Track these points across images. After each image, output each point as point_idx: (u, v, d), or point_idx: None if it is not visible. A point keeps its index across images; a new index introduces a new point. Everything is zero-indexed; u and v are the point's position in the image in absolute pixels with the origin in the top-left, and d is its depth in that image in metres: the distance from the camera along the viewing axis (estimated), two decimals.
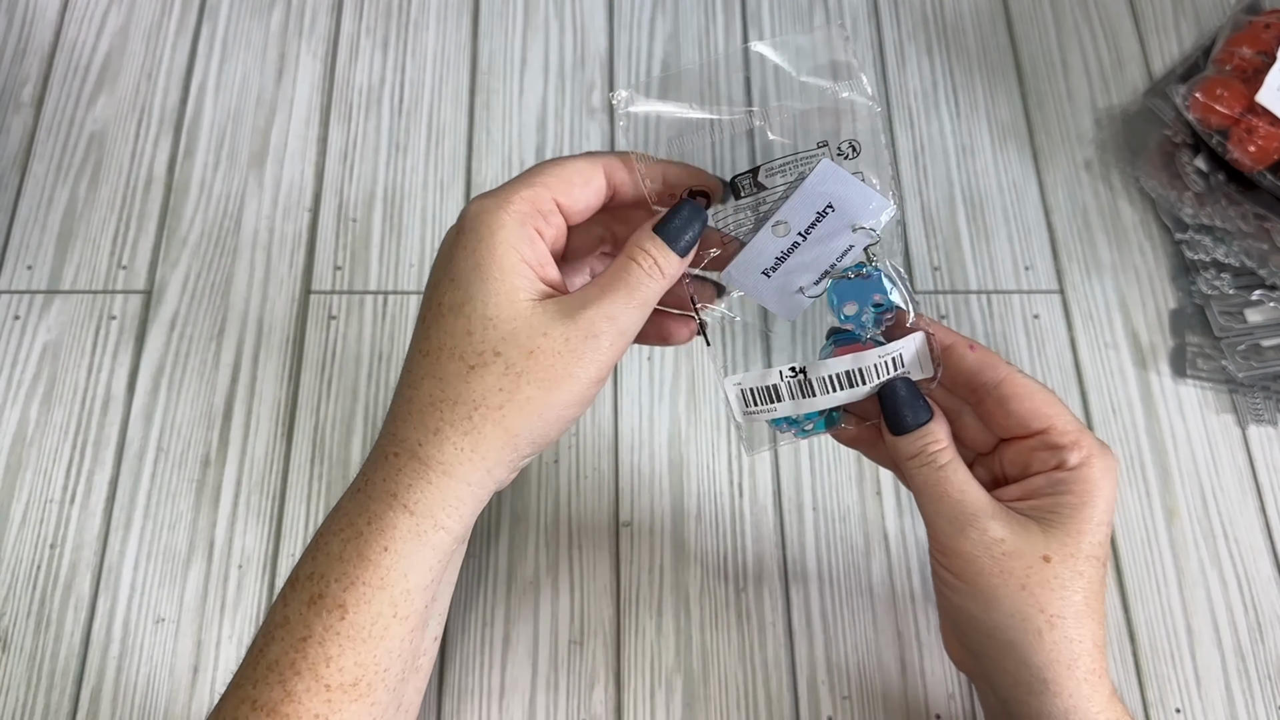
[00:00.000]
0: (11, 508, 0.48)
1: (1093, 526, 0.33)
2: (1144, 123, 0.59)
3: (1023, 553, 0.33)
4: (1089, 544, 0.33)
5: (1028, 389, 0.34)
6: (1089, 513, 0.33)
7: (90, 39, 0.60)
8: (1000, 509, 0.34)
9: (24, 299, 0.53)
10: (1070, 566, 0.33)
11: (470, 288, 0.31)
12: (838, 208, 0.36)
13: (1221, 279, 0.54)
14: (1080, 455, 0.34)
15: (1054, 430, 0.34)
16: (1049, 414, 0.34)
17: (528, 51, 0.61)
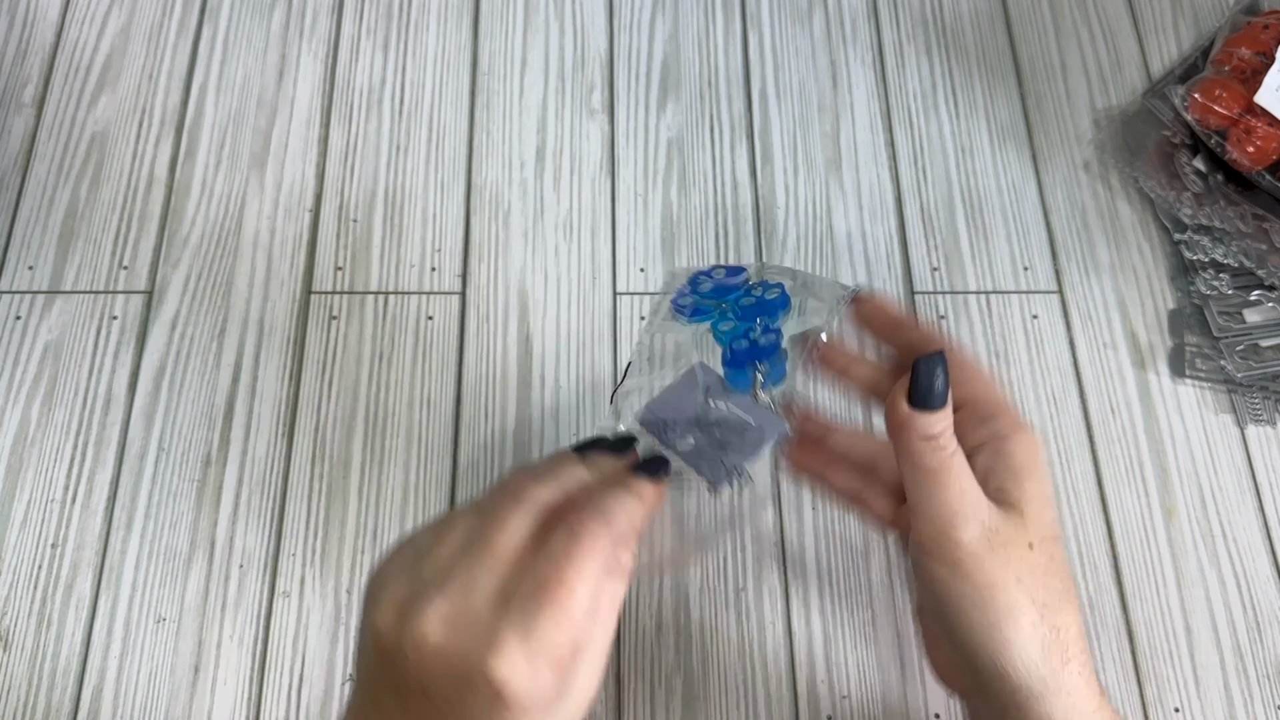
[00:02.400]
0: (13, 508, 0.48)
1: (1046, 500, 0.32)
2: (1143, 123, 0.59)
3: (1015, 541, 0.32)
4: (1050, 522, 0.32)
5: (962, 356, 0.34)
6: (1037, 487, 0.32)
7: (91, 40, 0.60)
8: (987, 502, 0.33)
9: (25, 299, 0.53)
10: (1045, 551, 0.32)
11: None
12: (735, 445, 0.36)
13: (1220, 279, 0.55)
14: (1006, 424, 0.33)
15: (982, 399, 0.33)
16: (984, 383, 0.34)
17: (528, 52, 0.61)
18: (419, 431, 0.51)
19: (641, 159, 0.58)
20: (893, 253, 0.56)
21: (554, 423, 0.51)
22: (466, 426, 0.51)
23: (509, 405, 0.51)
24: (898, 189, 0.58)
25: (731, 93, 0.60)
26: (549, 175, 0.57)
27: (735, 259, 0.55)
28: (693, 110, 0.59)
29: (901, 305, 0.34)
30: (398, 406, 0.51)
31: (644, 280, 0.55)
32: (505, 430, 0.51)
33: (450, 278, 0.54)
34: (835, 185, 0.58)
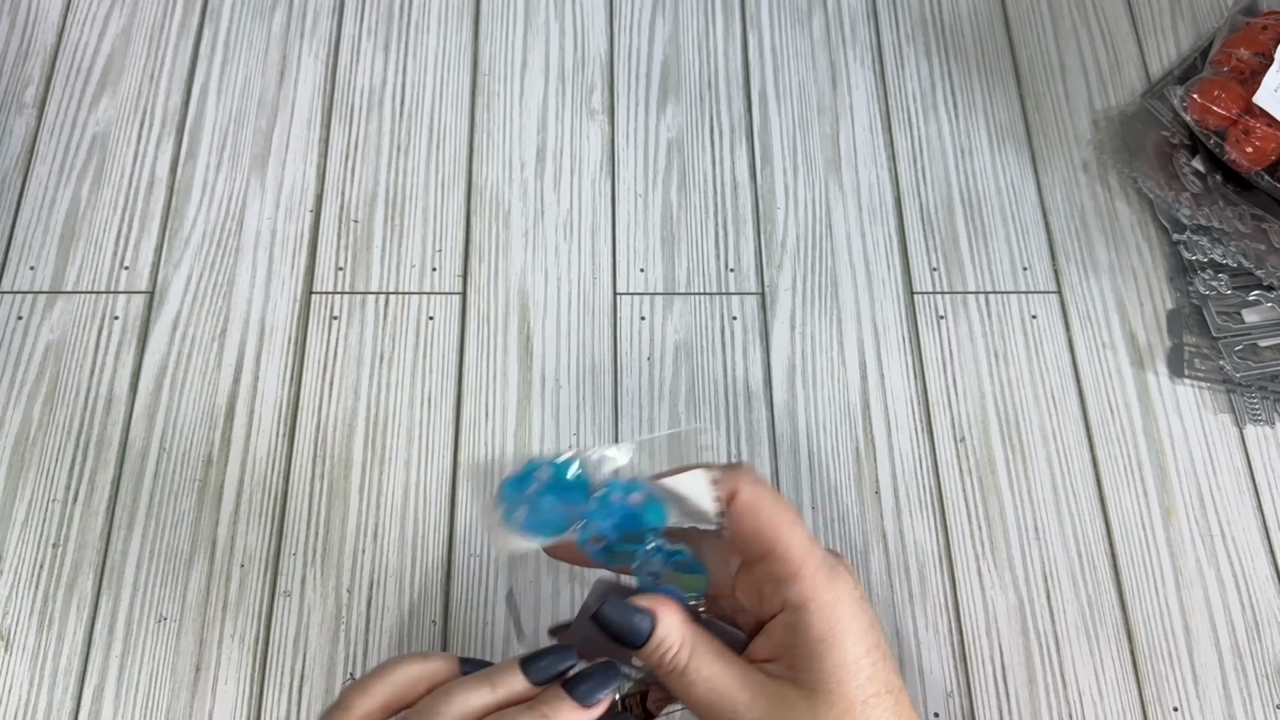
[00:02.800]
0: (15, 507, 0.48)
1: (851, 670, 0.28)
2: (1141, 124, 0.59)
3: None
4: (855, 689, 0.28)
5: (755, 504, 0.29)
6: (839, 656, 0.28)
7: (93, 41, 0.60)
8: (756, 685, 0.29)
9: (27, 299, 0.53)
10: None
11: None
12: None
13: (1219, 279, 0.55)
14: (800, 589, 0.29)
15: (778, 557, 0.29)
16: (778, 536, 0.29)
17: (528, 54, 0.61)
18: (419, 431, 0.51)
19: (641, 160, 0.58)
20: (892, 253, 0.56)
21: (554, 423, 0.51)
22: (467, 426, 0.51)
23: (509, 405, 0.51)
24: (897, 189, 0.58)
25: (731, 94, 0.60)
26: (549, 176, 0.57)
27: (735, 259, 0.56)
28: (693, 111, 0.60)
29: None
30: (398, 406, 0.51)
31: (644, 280, 0.55)
32: (505, 430, 0.51)
33: (451, 278, 0.55)
34: (835, 186, 0.58)
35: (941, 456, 0.51)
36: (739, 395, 0.52)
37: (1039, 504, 0.50)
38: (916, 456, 0.51)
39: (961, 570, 0.49)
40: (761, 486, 0.30)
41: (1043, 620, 0.48)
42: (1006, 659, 0.47)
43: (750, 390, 0.52)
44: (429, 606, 0.47)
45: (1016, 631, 0.48)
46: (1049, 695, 0.46)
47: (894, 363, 0.53)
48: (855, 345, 0.54)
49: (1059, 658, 0.47)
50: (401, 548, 0.48)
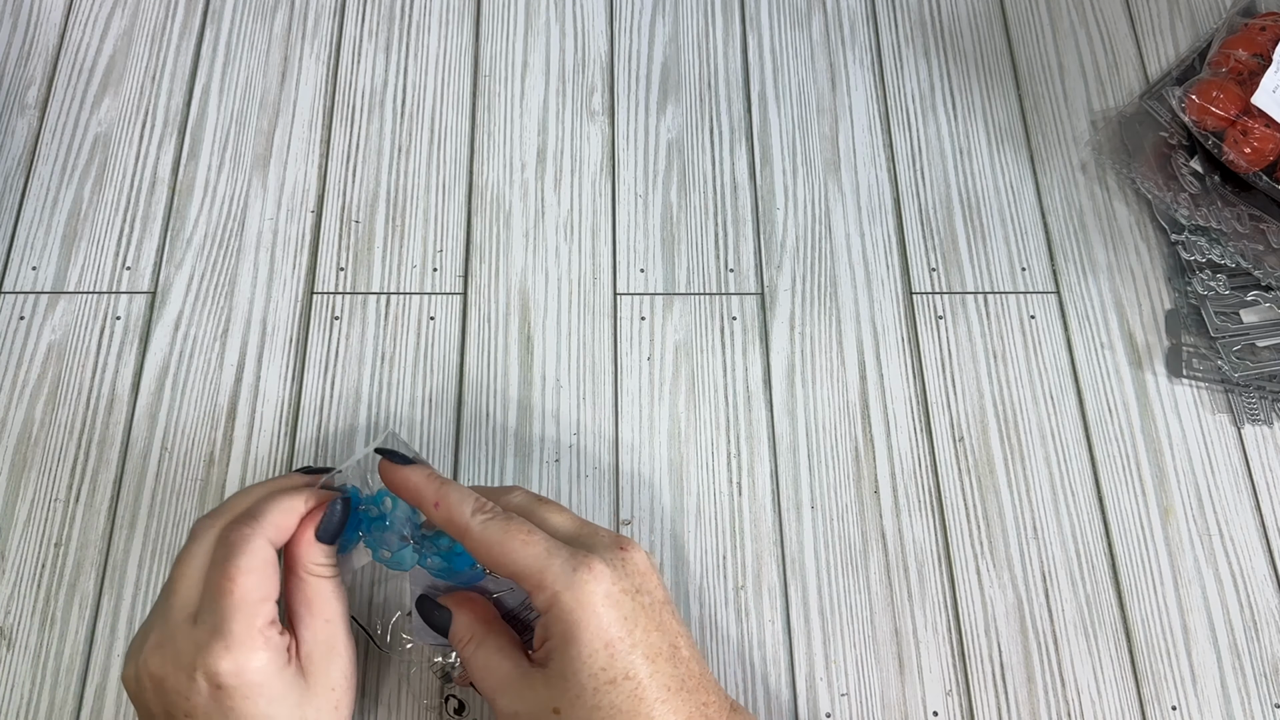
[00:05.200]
0: (17, 506, 0.49)
1: (584, 660, 0.33)
2: (1140, 125, 0.59)
3: (534, 713, 0.34)
4: (588, 677, 0.33)
5: (486, 541, 0.35)
6: (575, 650, 0.33)
7: (94, 42, 0.60)
8: (521, 673, 0.35)
9: (29, 299, 0.53)
10: (581, 707, 0.33)
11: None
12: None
13: (1217, 279, 0.55)
14: (545, 597, 0.34)
15: (520, 578, 0.35)
16: (512, 561, 0.35)
17: (529, 55, 0.61)
18: (421, 431, 0.51)
19: (641, 160, 0.58)
20: (891, 253, 0.56)
21: (554, 422, 0.51)
22: (467, 426, 0.51)
23: (510, 405, 0.52)
24: (896, 190, 0.58)
25: (731, 95, 0.60)
26: (550, 177, 0.58)
27: (735, 260, 0.56)
28: (692, 112, 0.60)
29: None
30: (399, 406, 0.51)
31: (644, 281, 0.55)
32: (506, 430, 0.51)
33: (452, 278, 0.55)
34: (834, 186, 0.58)
35: (940, 456, 0.51)
36: (739, 395, 0.52)
37: (1037, 504, 0.50)
38: (915, 456, 0.51)
39: (960, 570, 0.49)
40: (486, 517, 0.35)
41: (1041, 619, 0.48)
42: (1005, 658, 0.47)
43: (750, 390, 0.52)
44: None
45: (1015, 631, 0.48)
46: (1047, 694, 0.47)
47: (893, 363, 0.53)
48: (854, 345, 0.54)
49: (1057, 657, 0.47)
50: None
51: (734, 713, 0.37)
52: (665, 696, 0.34)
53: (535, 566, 0.34)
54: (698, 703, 0.35)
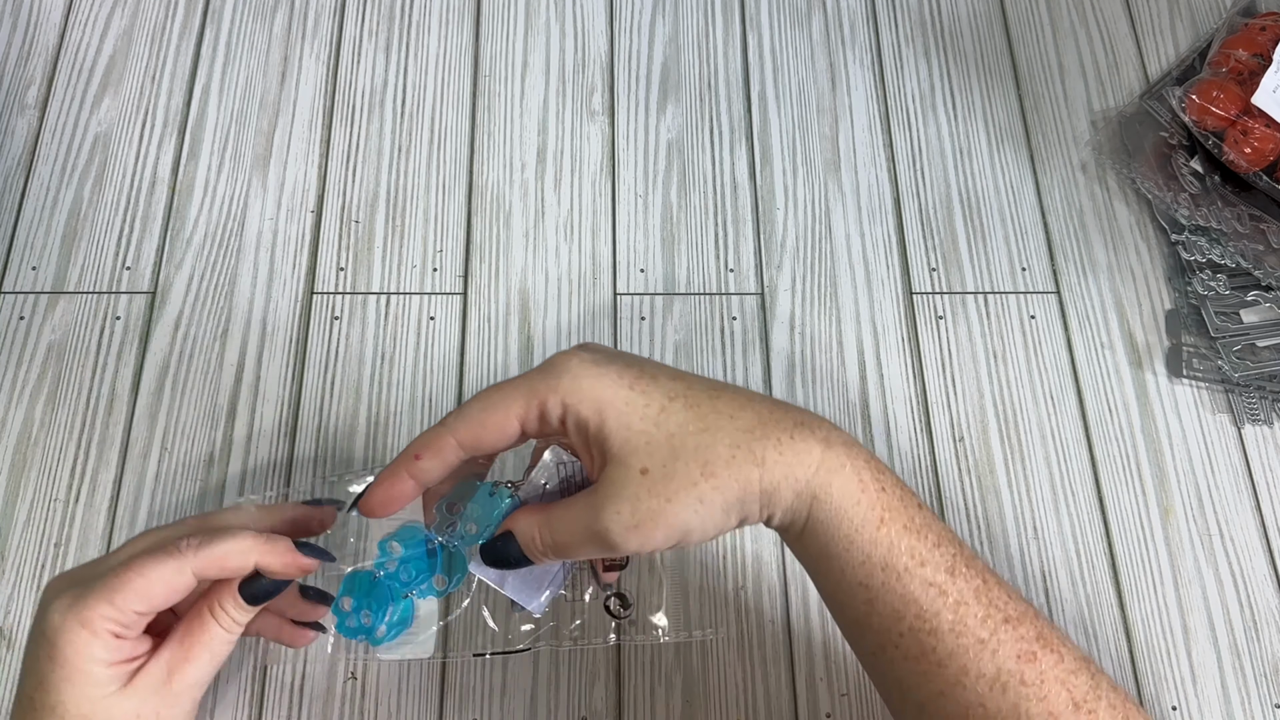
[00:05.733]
0: (17, 507, 0.48)
1: (623, 411, 0.31)
2: (1140, 125, 0.59)
3: (635, 497, 0.31)
4: (640, 420, 0.31)
5: (468, 422, 0.34)
6: (609, 411, 0.32)
7: (94, 42, 0.60)
8: (597, 492, 0.32)
9: (29, 299, 0.53)
10: (657, 448, 0.31)
11: (60, 693, 0.33)
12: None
13: (1217, 279, 0.55)
14: (550, 407, 0.32)
15: (520, 420, 0.33)
16: (499, 412, 0.33)
17: (529, 55, 0.61)
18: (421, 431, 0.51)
19: (641, 160, 0.58)
20: (891, 253, 0.56)
21: None
22: None
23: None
24: (896, 190, 0.58)
25: (731, 95, 0.60)
26: (550, 176, 0.58)
27: (735, 260, 0.56)
28: (692, 112, 0.60)
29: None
30: (399, 406, 0.51)
31: (644, 281, 0.55)
32: None
33: (452, 278, 0.55)
34: (834, 186, 0.58)
35: (940, 456, 0.51)
36: None
37: (1038, 504, 0.50)
38: (915, 456, 0.51)
39: None
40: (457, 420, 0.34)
41: None
42: None
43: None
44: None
45: None
46: None
47: (893, 363, 0.53)
48: (854, 345, 0.54)
49: None
50: None
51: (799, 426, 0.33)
52: (719, 394, 0.32)
53: (519, 396, 0.33)
54: (757, 402, 0.32)
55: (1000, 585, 0.32)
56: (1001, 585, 0.32)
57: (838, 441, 0.32)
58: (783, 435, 0.32)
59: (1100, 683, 0.31)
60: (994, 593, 0.31)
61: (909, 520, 0.32)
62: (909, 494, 0.33)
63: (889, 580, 0.31)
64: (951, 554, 0.32)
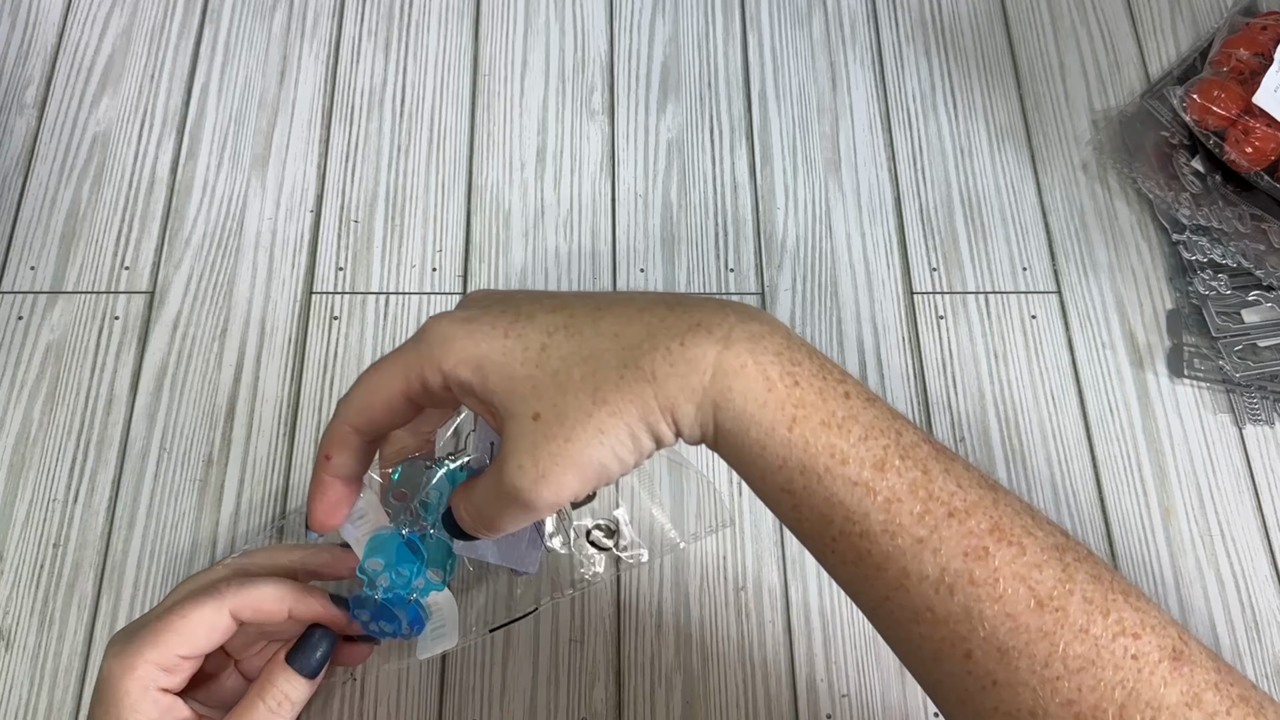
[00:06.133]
0: (15, 507, 0.48)
1: (500, 363, 0.29)
2: (1141, 124, 0.59)
3: (534, 444, 0.29)
4: (521, 366, 0.29)
5: (361, 389, 0.33)
6: (486, 367, 0.29)
7: (93, 41, 0.60)
8: (502, 453, 0.30)
9: (27, 299, 0.53)
10: (544, 389, 0.29)
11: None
12: None
13: (1218, 279, 0.55)
14: (430, 374, 0.30)
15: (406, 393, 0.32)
16: (389, 395, 0.32)
17: (528, 54, 0.61)
18: None
19: (641, 160, 0.58)
20: (891, 253, 0.56)
21: None
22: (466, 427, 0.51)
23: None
24: (897, 190, 0.58)
25: (731, 94, 0.60)
26: (549, 176, 0.58)
27: (735, 259, 0.56)
28: (692, 111, 0.60)
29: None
30: None
31: (644, 280, 0.55)
32: None
33: (451, 278, 0.55)
34: (834, 186, 0.58)
35: None
36: None
37: (1039, 503, 0.50)
38: None
39: None
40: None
41: None
42: None
43: None
44: None
45: None
46: None
47: (894, 363, 0.53)
48: (855, 345, 0.54)
49: None
50: None
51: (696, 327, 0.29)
52: (603, 314, 0.30)
53: (397, 373, 0.31)
54: (648, 311, 0.30)
55: (949, 474, 0.28)
56: (951, 474, 0.28)
57: (740, 338, 0.28)
58: (673, 343, 0.28)
59: (1075, 574, 0.26)
60: (937, 484, 0.27)
61: (828, 415, 0.28)
62: (834, 383, 0.29)
63: (810, 483, 0.28)
64: (883, 446, 0.28)
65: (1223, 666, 0.26)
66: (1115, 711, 0.25)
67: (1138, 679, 0.25)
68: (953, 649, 0.26)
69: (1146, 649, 0.25)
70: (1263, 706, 0.25)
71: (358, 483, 0.35)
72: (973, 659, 0.26)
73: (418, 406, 0.32)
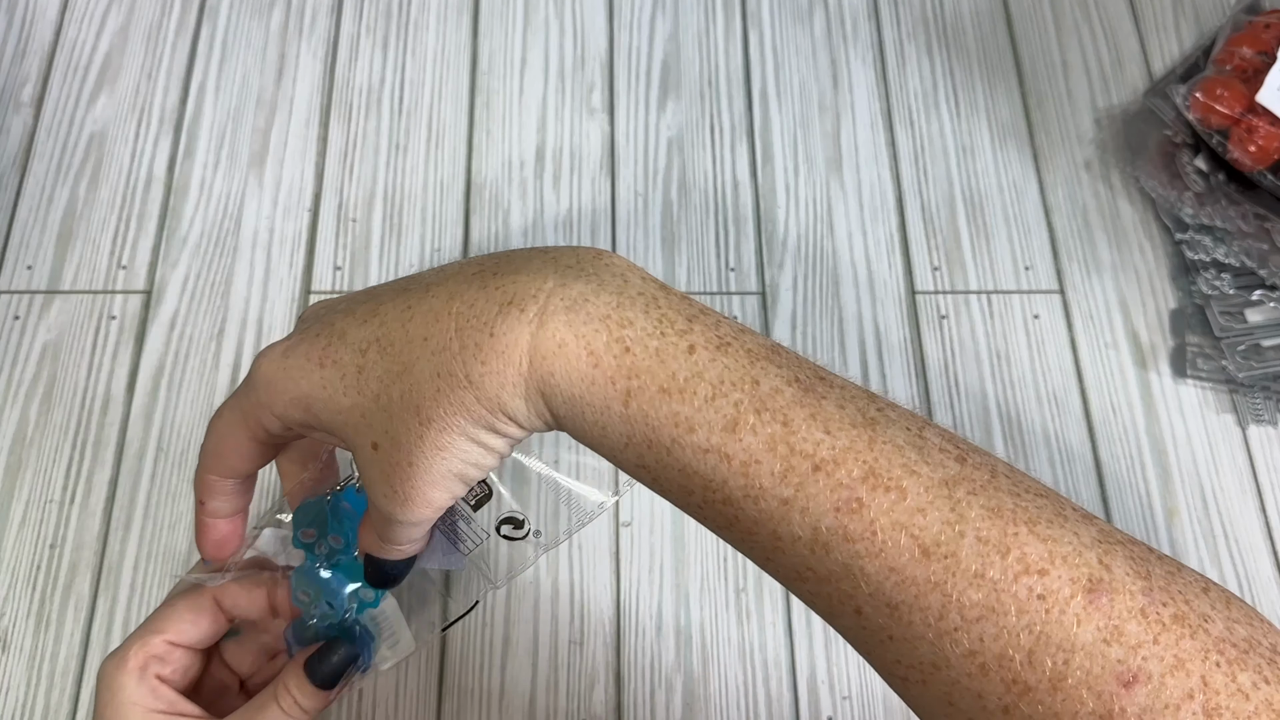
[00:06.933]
0: (11, 508, 0.48)
1: (322, 397, 0.28)
2: (1144, 123, 0.59)
3: (381, 475, 0.28)
4: (341, 398, 0.28)
5: (210, 439, 0.32)
6: (311, 406, 0.28)
7: (90, 39, 0.60)
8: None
9: (24, 299, 0.53)
10: (366, 414, 0.27)
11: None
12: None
13: (1221, 279, 0.54)
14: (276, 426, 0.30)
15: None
16: (237, 443, 0.31)
17: (528, 52, 0.61)
18: None
19: (641, 158, 0.58)
20: (893, 252, 0.56)
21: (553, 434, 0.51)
22: None
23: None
24: (899, 188, 0.58)
25: (732, 92, 0.60)
26: (549, 175, 0.57)
27: (735, 259, 0.55)
28: (693, 110, 0.59)
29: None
30: None
31: None
32: None
33: None
34: (836, 184, 0.58)
35: None
36: None
37: None
38: None
39: None
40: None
41: None
42: None
43: None
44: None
45: None
46: None
47: (895, 362, 0.53)
48: (856, 345, 0.53)
49: None
50: None
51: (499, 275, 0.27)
52: (411, 316, 0.27)
53: (237, 421, 0.30)
54: (457, 300, 0.27)
55: (815, 420, 0.24)
56: (817, 419, 0.24)
57: (557, 309, 0.25)
58: (482, 337, 0.25)
59: (967, 511, 0.23)
60: (799, 435, 0.24)
61: (667, 380, 0.25)
62: (674, 336, 0.25)
63: (660, 457, 0.26)
64: (734, 403, 0.24)
65: (1157, 585, 0.22)
66: (1023, 658, 0.22)
67: (1046, 621, 0.22)
68: (842, 606, 0.25)
69: (1055, 585, 0.22)
70: (1206, 619, 0.22)
71: (240, 516, 0.35)
72: (863, 615, 0.24)
73: (275, 446, 0.31)
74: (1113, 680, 0.21)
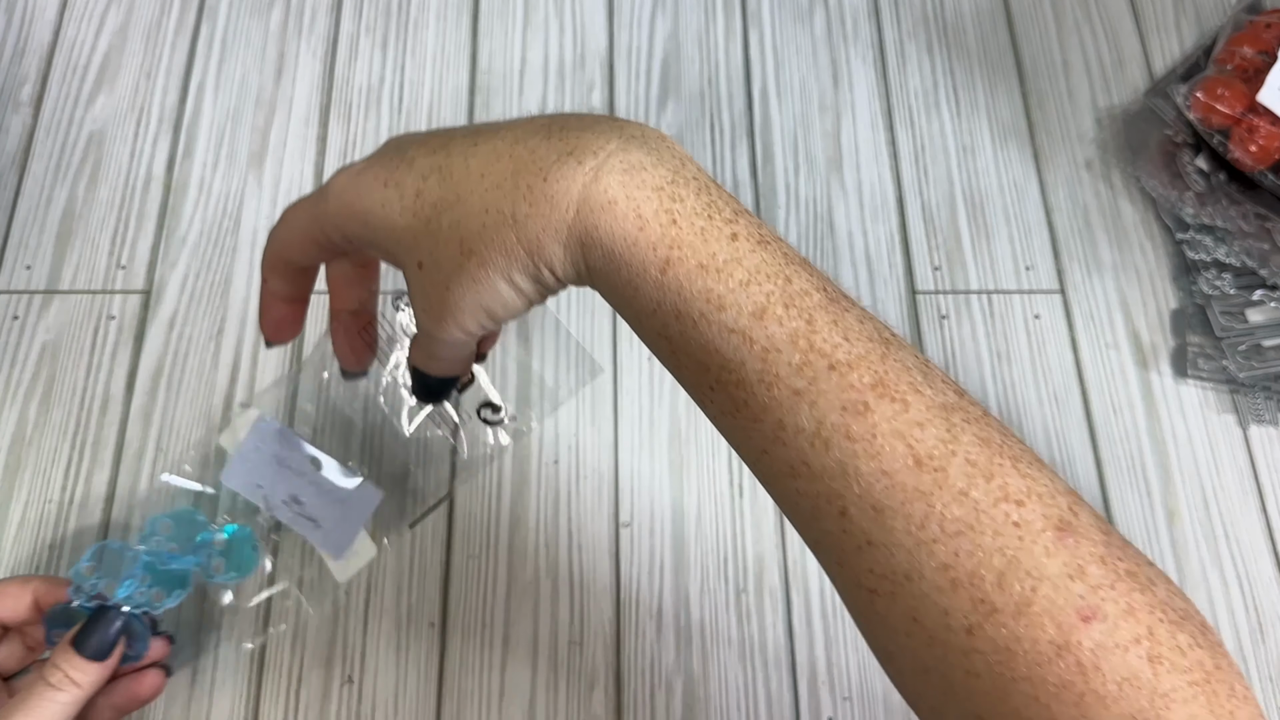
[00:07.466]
0: (10, 508, 0.48)
1: (388, 212, 0.30)
2: (1145, 122, 0.59)
3: (419, 288, 0.30)
4: (412, 216, 0.29)
5: (281, 228, 0.34)
6: (371, 219, 0.30)
7: (89, 38, 0.60)
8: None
9: (23, 299, 0.53)
10: (423, 238, 0.29)
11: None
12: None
13: (1222, 279, 0.54)
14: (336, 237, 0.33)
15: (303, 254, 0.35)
16: (302, 240, 0.34)
17: (527, 51, 0.61)
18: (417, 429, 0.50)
19: None
20: (894, 252, 0.56)
21: (553, 423, 0.51)
22: None
23: (509, 405, 0.51)
24: (899, 188, 0.58)
25: (732, 91, 0.60)
26: None
27: None
28: (693, 109, 0.59)
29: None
30: None
31: None
32: None
33: None
34: (836, 184, 0.57)
35: None
36: None
37: None
38: None
39: None
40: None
41: None
42: None
43: None
44: (428, 608, 0.47)
45: None
46: None
47: None
48: None
49: None
50: (399, 552, 0.48)
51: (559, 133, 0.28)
52: (475, 151, 0.28)
53: (304, 222, 0.32)
54: (521, 144, 0.28)
55: (837, 325, 0.25)
56: (839, 325, 0.25)
57: (615, 169, 0.26)
58: (535, 180, 0.26)
59: (961, 435, 0.24)
60: (821, 335, 0.25)
61: (708, 258, 0.26)
62: (721, 223, 0.26)
63: (685, 329, 0.26)
64: (765, 292, 0.25)
65: (1114, 541, 0.24)
66: (994, 579, 0.23)
67: (1019, 547, 0.23)
68: (829, 505, 0.26)
69: (1030, 517, 0.24)
70: (1152, 582, 0.23)
71: (300, 304, 0.36)
72: (848, 516, 0.25)
73: (333, 251, 0.33)
74: (1073, 613, 0.23)
